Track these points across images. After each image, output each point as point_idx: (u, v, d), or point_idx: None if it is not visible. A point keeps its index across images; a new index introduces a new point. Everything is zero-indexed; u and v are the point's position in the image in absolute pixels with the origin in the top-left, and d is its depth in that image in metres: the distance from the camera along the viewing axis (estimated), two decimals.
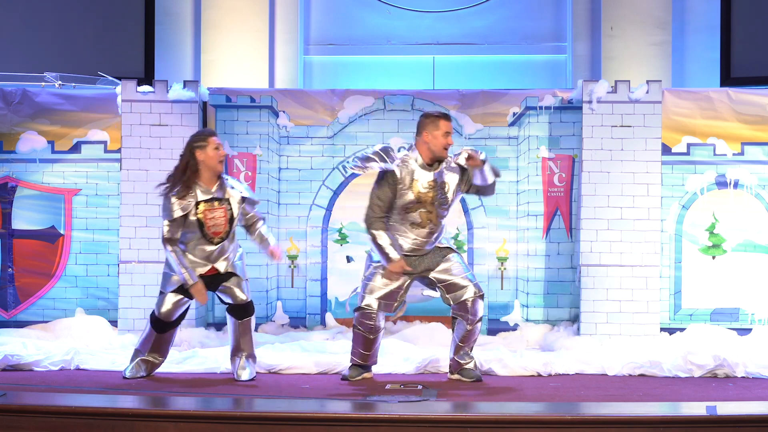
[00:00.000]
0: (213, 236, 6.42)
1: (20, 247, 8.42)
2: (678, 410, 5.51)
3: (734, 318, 8.08)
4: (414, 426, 5.01)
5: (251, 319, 6.60)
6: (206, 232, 6.40)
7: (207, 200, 6.40)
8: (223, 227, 6.44)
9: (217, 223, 6.42)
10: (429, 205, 6.38)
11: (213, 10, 9.99)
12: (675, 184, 8.14)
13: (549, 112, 8.31)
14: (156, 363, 6.64)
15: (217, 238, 6.43)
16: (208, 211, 6.40)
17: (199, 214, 6.38)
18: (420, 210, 6.38)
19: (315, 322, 8.40)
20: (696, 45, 10.09)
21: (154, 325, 6.53)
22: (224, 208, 6.44)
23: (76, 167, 8.44)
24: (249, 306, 6.57)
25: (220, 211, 6.43)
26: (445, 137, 6.38)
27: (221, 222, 6.43)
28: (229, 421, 5.08)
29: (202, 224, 6.39)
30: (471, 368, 6.51)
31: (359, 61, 10.37)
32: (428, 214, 6.39)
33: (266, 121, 8.40)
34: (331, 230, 8.44)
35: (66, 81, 8.68)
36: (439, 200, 6.39)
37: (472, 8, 10.40)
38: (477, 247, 8.34)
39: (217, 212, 6.42)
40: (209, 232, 6.41)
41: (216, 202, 6.42)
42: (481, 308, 6.47)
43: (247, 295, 6.56)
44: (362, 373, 6.62)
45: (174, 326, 6.58)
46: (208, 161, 6.39)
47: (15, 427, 5.09)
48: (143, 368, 6.59)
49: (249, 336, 6.59)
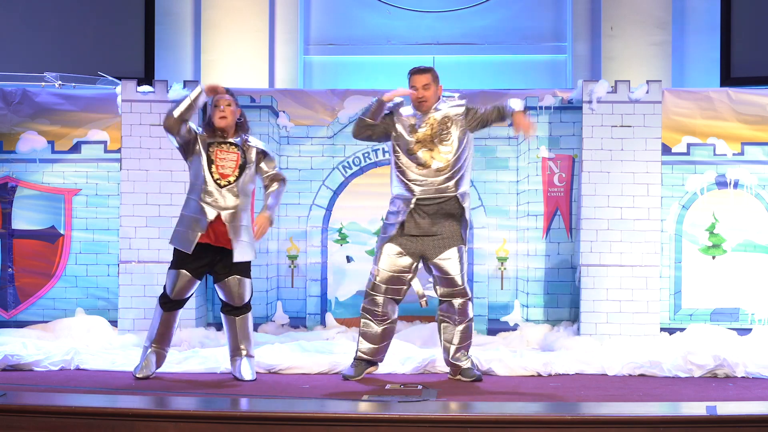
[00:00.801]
0: (220, 177, 6.43)
1: (20, 247, 8.42)
2: (678, 410, 5.51)
3: (734, 318, 8.08)
4: (414, 426, 5.01)
5: (248, 316, 6.59)
6: (213, 172, 6.42)
7: (222, 142, 6.48)
8: (231, 170, 6.45)
9: (226, 165, 6.45)
10: (429, 143, 6.48)
11: (213, 10, 10.00)
12: (675, 184, 8.14)
13: (549, 112, 8.31)
14: (164, 353, 6.64)
15: (223, 181, 6.44)
16: (219, 151, 6.47)
17: (210, 153, 6.44)
18: (422, 150, 6.47)
19: (315, 322, 8.40)
20: (696, 45, 10.09)
21: (163, 304, 6.53)
22: (237, 153, 6.49)
23: (76, 167, 8.44)
24: (246, 306, 6.58)
25: (233, 155, 6.48)
26: (415, 92, 6.52)
27: (231, 165, 6.46)
28: (229, 421, 5.08)
29: (212, 162, 6.43)
30: (469, 367, 6.52)
31: (359, 61, 10.37)
32: (430, 152, 6.47)
33: (266, 121, 8.40)
34: (331, 230, 8.44)
35: (66, 81, 8.68)
36: (440, 137, 6.47)
37: (472, 8, 10.40)
38: (477, 247, 8.34)
39: (230, 155, 6.48)
40: (217, 172, 6.42)
41: (231, 146, 6.50)
42: (469, 310, 6.52)
43: (245, 296, 6.54)
44: (365, 369, 6.60)
45: (180, 306, 6.57)
46: (213, 117, 6.52)
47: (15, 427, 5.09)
48: (153, 362, 6.58)
49: (246, 333, 6.58)
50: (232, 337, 6.59)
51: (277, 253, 8.43)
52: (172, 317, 6.60)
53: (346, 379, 6.56)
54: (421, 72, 6.59)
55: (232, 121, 6.54)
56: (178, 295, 6.51)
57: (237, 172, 6.48)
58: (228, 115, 6.51)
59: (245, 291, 6.54)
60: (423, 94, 6.54)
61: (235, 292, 6.51)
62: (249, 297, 6.58)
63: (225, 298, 6.55)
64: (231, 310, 6.56)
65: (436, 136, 6.48)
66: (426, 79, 6.56)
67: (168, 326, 6.60)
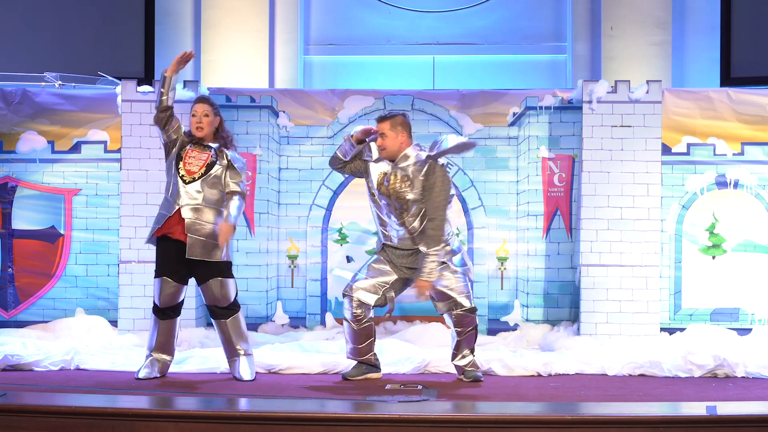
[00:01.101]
0: (185, 174, 6.42)
1: (20, 247, 8.42)
2: (678, 410, 5.51)
3: (734, 318, 8.08)
4: (414, 426, 5.01)
5: (238, 316, 6.56)
6: (180, 168, 6.43)
7: (196, 143, 6.49)
8: (198, 168, 6.44)
9: (193, 163, 6.44)
10: (387, 198, 6.43)
11: (213, 10, 10.00)
12: (675, 184, 8.14)
13: (549, 112, 8.31)
14: (167, 362, 6.61)
15: (188, 177, 6.42)
16: (191, 151, 6.47)
17: (182, 152, 6.46)
18: (383, 202, 6.45)
19: (315, 322, 8.40)
20: (696, 45, 10.09)
21: (155, 311, 6.52)
22: (208, 154, 6.48)
23: (76, 167, 8.45)
24: (233, 305, 6.54)
25: (204, 155, 6.47)
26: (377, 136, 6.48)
27: (198, 163, 6.44)
28: (229, 421, 5.08)
29: (180, 159, 6.44)
30: (470, 369, 6.54)
31: (359, 61, 10.37)
32: (389, 208, 6.45)
33: (266, 121, 8.40)
34: (331, 230, 8.44)
35: (66, 81, 8.68)
36: (396, 193, 6.40)
37: (472, 8, 10.40)
38: (477, 247, 8.34)
39: (201, 155, 6.47)
40: (183, 169, 6.43)
41: (206, 148, 6.49)
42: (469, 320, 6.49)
43: (230, 296, 6.52)
44: (365, 372, 6.61)
45: (175, 313, 6.54)
46: (191, 126, 6.53)
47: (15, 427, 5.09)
48: (156, 368, 6.56)
49: (240, 332, 6.55)
50: (226, 341, 6.55)
51: (277, 253, 8.43)
52: (170, 326, 6.56)
53: (346, 379, 6.56)
54: (381, 120, 6.49)
55: (208, 132, 6.50)
56: (167, 303, 6.48)
57: (203, 170, 6.45)
58: (205, 125, 6.47)
59: (229, 291, 6.51)
60: (380, 143, 6.48)
61: (219, 293, 6.48)
62: (234, 296, 6.55)
63: (209, 301, 6.51)
64: (219, 313, 6.53)
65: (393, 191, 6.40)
66: (383, 127, 6.45)
67: (167, 335, 6.57)
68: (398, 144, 6.44)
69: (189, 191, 6.42)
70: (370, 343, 6.60)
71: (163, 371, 6.58)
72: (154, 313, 6.53)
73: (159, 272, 6.47)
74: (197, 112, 6.48)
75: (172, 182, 6.47)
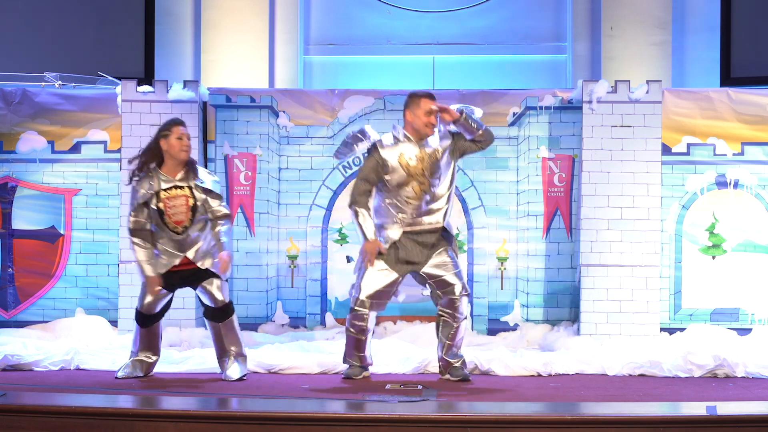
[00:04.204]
0: (175, 225, 6.39)
1: (20, 247, 8.42)
2: (678, 410, 5.51)
3: (734, 318, 8.08)
4: (414, 426, 5.00)
5: (232, 319, 6.57)
6: (167, 221, 6.39)
7: (168, 188, 6.40)
8: (184, 215, 6.40)
9: (177, 212, 6.40)
10: (420, 177, 6.42)
11: (213, 10, 9.99)
12: (675, 184, 8.14)
13: (549, 112, 8.31)
14: (150, 362, 6.63)
15: (179, 227, 6.40)
16: (167, 200, 6.40)
17: (159, 203, 6.39)
18: (412, 183, 6.42)
19: (315, 322, 8.40)
20: (696, 45, 10.09)
21: (137, 319, 6.53)
22: (185, 195, 6.42)
23: (76, 167, 8.45)
24: (228, 307, 6.55)
25: (182, 198, 6.41)
26: (426, 116, 6.41)
27: (182, 210, 6.40)
28: (229, 421, 5.08)
29: (162, 213, 6.38)
30: (459, 366, 6.51)
31: (359, 61, 10.37)
32: (421, 186, 6.43)
33: (266, 121, 8.40)
34: (331, 230, 8.44)
35: (66, 81, 8.68)
36: (430, 170, 6.42)
37: (472, 8, 10.40)
38: (477, 247, 8.34)
39: (178, 200, 6.40)
40: (171, 221, 6.39)
41: (177, 189, 6.41)
42: (466, 306, 6.52)
43: (225, 297, 6.53)
44: (362, 372, 6.63)
45: (157, 319, 6.56)
46: (171, 150, 6.41)
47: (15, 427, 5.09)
48: (138, 368, 6.58)
49: (233, 334, 6.55)
50: (218, 342, 6.56)
51: (277, 253, 8.43)
52: (153, 330, 6.58)
53: (348, 378, 6.55)
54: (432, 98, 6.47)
55: (187, 156, 6.47)
56: (149, 309, 6.50)
57: (190, 215, 6.43)
58: (188, 149, 6.45)
59: (223, 291, 6.53)
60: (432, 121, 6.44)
61: (216, 293, 6.50)
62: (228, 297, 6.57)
63: (209, 302, 6.53)
64: (214, 315, 6.54)
65: (426, 170, 6.43)
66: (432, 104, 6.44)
67: (151, 338, 6.60)
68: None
69: (184, 241, 6.43)
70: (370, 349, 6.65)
71: (147, 371, 6.61)
72: (136, 321, 6.54)
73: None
74: (184, 136, 6.43)
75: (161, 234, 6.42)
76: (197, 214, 6.44)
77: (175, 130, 6.43)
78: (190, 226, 6.42)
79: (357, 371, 6.60)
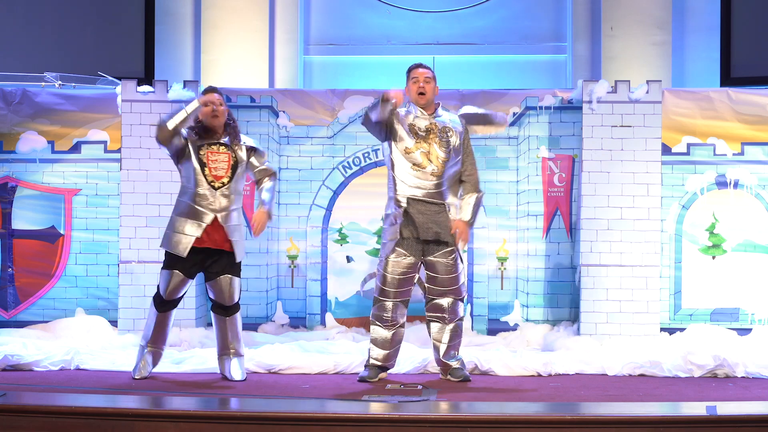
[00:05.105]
0: (214, 180, 6.46)
1: (20, 247, 8.42)
2: (678, 410, 5.51)
3: (734, 318, 8.08)
4: (414, 426, 5.01)
5: (237, 316, 6.61)
6: (207, 174, 6.46)
7: (212, 144, 6.51)
8: (225, 172, 6.49)
9: (218, 167, 6.49)
10: (426, 144, 6.48)
11: (213, 10, 10.00)
12: (675, 184, 8.14)
13: (549, 112, 8.31)
14: (159, 353, 6.67)
15: (217, 182, 6.47)
16: (210, 153, 6.51)
17: (201, 156, 6.47)
18: (420, 150, 6.47)
19: (315, 322, 8.40)
20: (696, 45, 10.09)
21: (156, 303, 6.55)
22: (228, 153, 6.53)
23: (76, 167, 8.45)
24: (236, 304, 6.60)
25: (224, 155, 6.52)
26: (414, 84, 6.57)
27: (224, 166, 6.50)
28: (229, 421, 5.08)
29: (204, 165, 6.46)
30: (459, 367, 6.52)
31: (359, 61, 10.37)
32: (428, 155, 6.47)
33: (266, 121, 8.40)
34: (331, 230, 8.44)
35: (66, 81, 8.68)
36: (439, 141, 6.49)
37: (472, 8, 10.40)
38: (477, 247, 8.34)
39: (221, 156, 6.51)
40: (210, 175, 6.46)
41: (222, 147, 6.53)
42: (459, 309, 6.54)
43: (236, 297, 6.57)
44: (379, 373, 6.59)
45: (174, 306, 6.60)
46: (203, 117, 6.53)
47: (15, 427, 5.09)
48: (150, 362, 6.61)
49: (236, 332, 6.60)
50: (221, 337, 6.61)
51: (277, 253, 8.43)
52: (167, 317, 6.62)
53: (362, 381, 6.51)
54: (425, 67, 6.67)
55: (223, 120, 6.57)
56: (171, 295, 6.53)
57: (230, 172, 6.52)
58: (220, 114, 6.54)
59: (235, 290, 6.56)
60: (424, 87, 6.56)
61: (227, 291, 6.52)
62: (238, 297, 6.60)
63: (216, 297, 6.56)
64: (221, 310, 6.58)
65: (434, 139, 6.50)
66: (429, 72, 6.62)
67: (163, 326, 6.62)
68: (434, 94, 6.62)
69: (219, 197, 6.47)
70: (398, 348, 6.60)
71: (156, 362, 6.65)
72: (155, 306, 6.56)
73: (170, 265, 6.50)
74: (210, 102, 6.53)
75: (196, 189, 6.47)
76: (237, 172, 6.53)
77: (203, 99, 6.55)
78: (228, 184, 6.48)
79: (375, 372, 6.56)
